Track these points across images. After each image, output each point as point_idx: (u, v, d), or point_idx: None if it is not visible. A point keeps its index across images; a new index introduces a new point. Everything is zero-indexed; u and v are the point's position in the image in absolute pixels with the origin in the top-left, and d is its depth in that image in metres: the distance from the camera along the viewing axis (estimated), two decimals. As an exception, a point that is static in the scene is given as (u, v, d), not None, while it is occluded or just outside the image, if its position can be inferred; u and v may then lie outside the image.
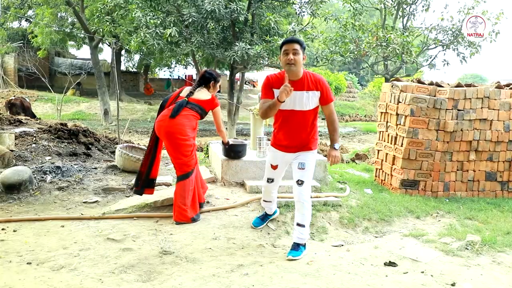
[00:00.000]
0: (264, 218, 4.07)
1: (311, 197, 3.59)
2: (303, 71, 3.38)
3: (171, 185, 5.03)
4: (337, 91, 23.87)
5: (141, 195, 4.30)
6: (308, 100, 3.37)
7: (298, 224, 3.50)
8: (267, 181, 3.72)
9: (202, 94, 4.26)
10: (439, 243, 3.86)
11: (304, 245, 3.54)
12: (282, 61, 3.34)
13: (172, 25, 10.63)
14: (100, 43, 21.57)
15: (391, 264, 3.41)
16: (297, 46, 3.29)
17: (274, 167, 3.61)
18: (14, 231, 3.73)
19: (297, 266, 3.29)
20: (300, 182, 3.43)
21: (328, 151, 3.55)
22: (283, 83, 3.24)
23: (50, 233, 3.73)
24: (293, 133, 3.47)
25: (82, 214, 4.25)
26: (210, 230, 3.91)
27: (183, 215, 4.04)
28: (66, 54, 30.42)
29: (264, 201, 3.95)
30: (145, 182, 4.23)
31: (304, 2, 12.10)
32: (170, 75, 33.26)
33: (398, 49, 10.90)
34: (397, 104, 5.55)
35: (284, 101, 3.22)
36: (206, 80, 4.33)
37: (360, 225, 4.43)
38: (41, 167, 5.19)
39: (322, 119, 16.63)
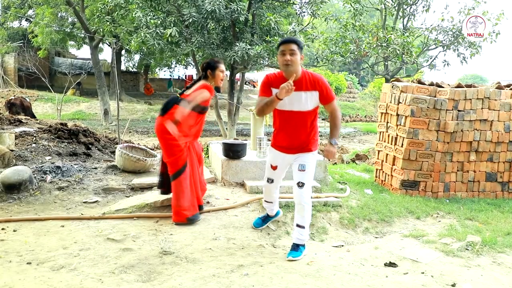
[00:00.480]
0: (266, 219, 4.06)
1: (311, 197, 3.59)
2: (302, 71, 3.36)
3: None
4: (337, 92, 23.91)
5: (168, 194, 4.29)
6: (307, 101, 3.36)
7: (298, 226, 3.50)
8: (267, 181, 3.72)
9: (195, 87, 4.05)
10: (440, 244, 3.86)
11: (303, 246, 3.54)
12: (279, 61, 3.33)
13: (172, 25, 10.63)
14: (100, 43, 21.58)
15: (391, 264, 3.41)
16: (294, 47, 3.26)
17: (274, 168, 3.61)
18: (14, 231, 3.73)
19: (297, 266, 3.29)
20: (300, 184, 3.42)
21: (325, 146, 3.53)
22: (282, 82, 3.22)
23: (50, 233, 3.72)
24: (293, 134, 3.46)
25: (82, 214, 4.25)
26: (210, 230, 3.91)
27: (179, 215, 4.01)
28: (66, 54, 30.44)
29: (266, 201, 3.94)
30: (168, 181, 4.20)
31: (305, 2, 12.11)
32: (170, 75, 33.27)
33: (399, 50, 10.90)
34: (398, 104, 5.55)
35: (282, 99, 3.21)
36: (204, 71, 4.14)
37: (360, 225, 4.43)
38: (41, 167, 5.19)
39: (323, 119, 16.65)
